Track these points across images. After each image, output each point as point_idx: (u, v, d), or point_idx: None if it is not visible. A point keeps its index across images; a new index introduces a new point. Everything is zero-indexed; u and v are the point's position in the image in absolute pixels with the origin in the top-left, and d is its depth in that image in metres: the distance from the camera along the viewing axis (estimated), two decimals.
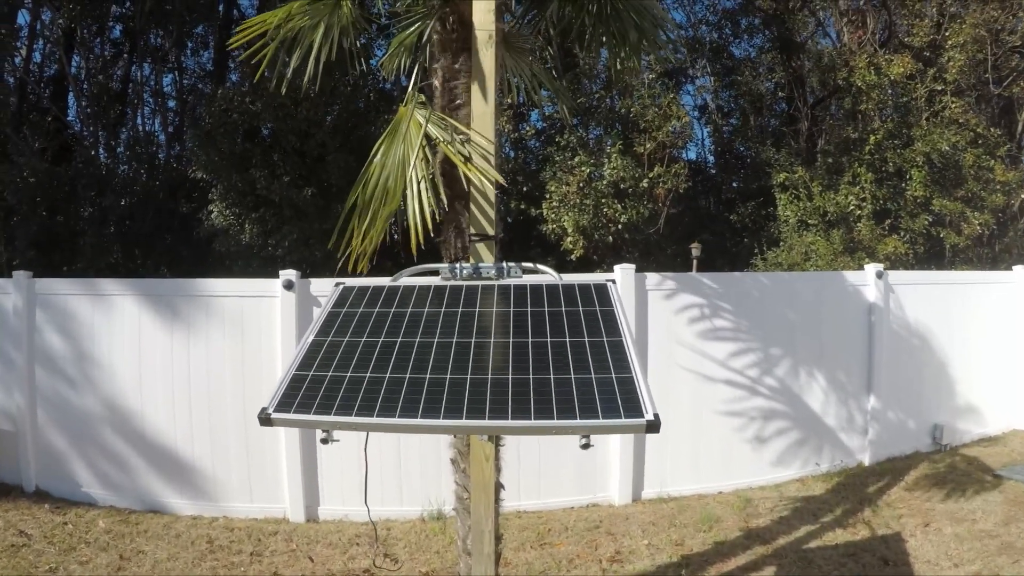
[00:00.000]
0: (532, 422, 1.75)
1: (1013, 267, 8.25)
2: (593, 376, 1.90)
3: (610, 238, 12.09)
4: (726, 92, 17.02)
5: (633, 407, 1.77)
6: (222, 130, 11.21)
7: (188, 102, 18.03)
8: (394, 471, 5.46)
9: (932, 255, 12.81)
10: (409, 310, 2.35)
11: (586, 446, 1.73)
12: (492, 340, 2.13)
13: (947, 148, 11.84)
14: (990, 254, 13.25)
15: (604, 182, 12.14)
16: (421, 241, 2.92)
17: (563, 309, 2.30)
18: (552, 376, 1.91)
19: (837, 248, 11.44)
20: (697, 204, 15.83)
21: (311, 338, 2.21)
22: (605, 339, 2.09)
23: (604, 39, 4.14)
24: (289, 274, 5.53)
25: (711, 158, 18.63)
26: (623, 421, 1.73)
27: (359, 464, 5.69)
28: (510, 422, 1.75)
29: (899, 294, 7.24)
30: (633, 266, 6.07)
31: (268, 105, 11.12)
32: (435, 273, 2.78)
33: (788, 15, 16.09)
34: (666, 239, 13.50)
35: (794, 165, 13.48)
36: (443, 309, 2.34)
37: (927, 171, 12.01)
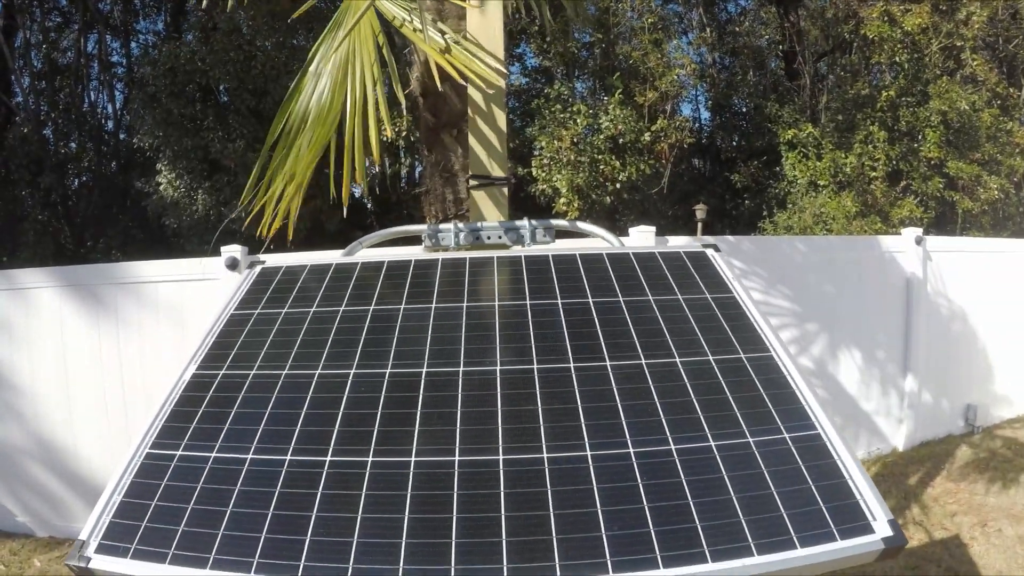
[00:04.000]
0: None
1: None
2: (751, 440, 1.01)
3: (608, 198, 11.06)
4: (722, 45, 15.99)
5: (846, 510, 0.89)
6: (168, 91, 9.96)
7: (137, 72, 16.54)
8: None
9: (943, 220, 12.16)
10: (371, 309, 1.40)
11: None
12: (534, 367, 1.21)
13: (966, 107, 11.05)
14: (991, 221, 12.63)
15: (602, 136, 11.03)
16: (359, 180, 1.91)
17: (650, 298, 1.36)
18: (674, 446, 1.01)
19: (850, 211, 10.68)
20: (692, 164, 14.93)
21: (189, 374, 1.26)
22: (743, 356, 1.19)
23: None
24: (233, 250, 4.41)
25: (706, 114, 17.69)
26: (838, 547, 0.86)
27: None
28: None
29: (937, 262, 6.56)
30: (653, 228, 5.16)
31: (219, 61, 9.88)
32: (414, 240, 1.86)
33: None
34: (664, 201, 12.58)
35: (800, 122, 12.62)
36: (432, 306, 1.40)
37: (942, 131, 11.25)
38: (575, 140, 10.82)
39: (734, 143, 15.97)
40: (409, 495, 0.97)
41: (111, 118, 15.50)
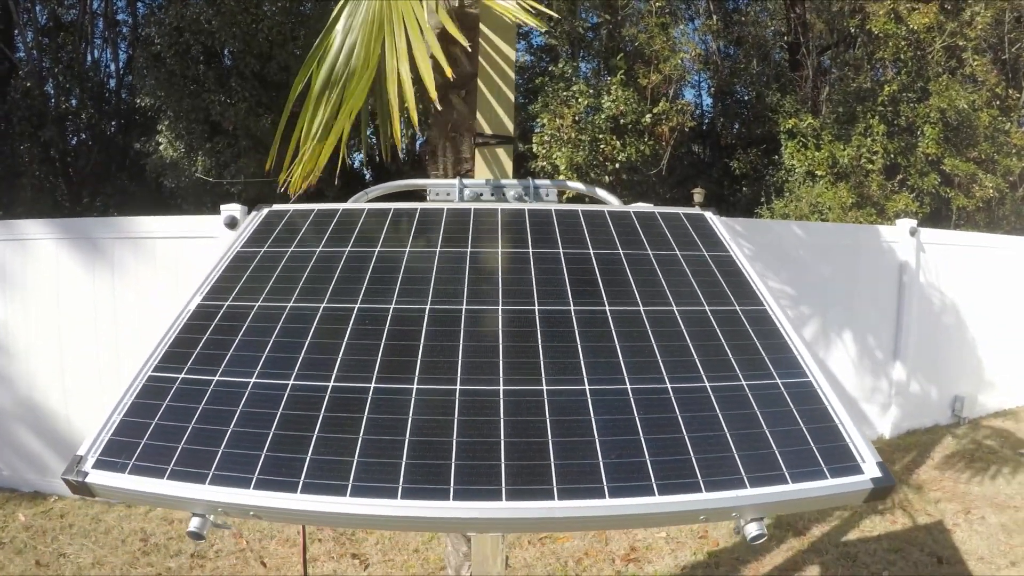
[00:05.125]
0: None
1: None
2: (744, 384, 1.04)
3: (607, 178, 11.08)
4: (728, 33, 15.90)
5: (836, 451, 0.92)
6: (173, 51, 9.86)
7: (142, 32, 16.30)
8: None
9: (937, 217, 12.22)
10: (377, 250, 1.43)
11: (757, 539, 0.88)
12: (535, 308, 1.23)
13: (964, 106, 11.09)
14: (987, 219, 12.69)
15: (603, 116, 11.00)
16: (399, 148, 1.93)
17: (650, 253, 1.40)
18: (670, 385, 1.04)
19: (846, 202, 10.73)
20: (691, 149, 14.89)
21: (194, 305, 1.28)
22: (738, 308, 1.22)
23: None
24: (232, 209, 4.44)
25: (708, 100, 17.63)
26: (828, 484, 0.89)
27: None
28: (578, 504, 0.90)
29: (930, 254, 6.62)
30: (651, 205, 5.19)
31: (226, 23, 9.77)
32: (419, 196, 1.87)
33: None
34: (662, 183, 12.57)
35: (801, 112, 12.61)
36: (438, 249, 1.43)
37: (941, 128, 11.30)
38: (576, 118, 10.79)
39: (734, 130, 15.95)
40: (410, 419, 0.99)
41: (113, 77, 15.33)
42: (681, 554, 4.10)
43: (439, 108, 2.43)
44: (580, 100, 11.00)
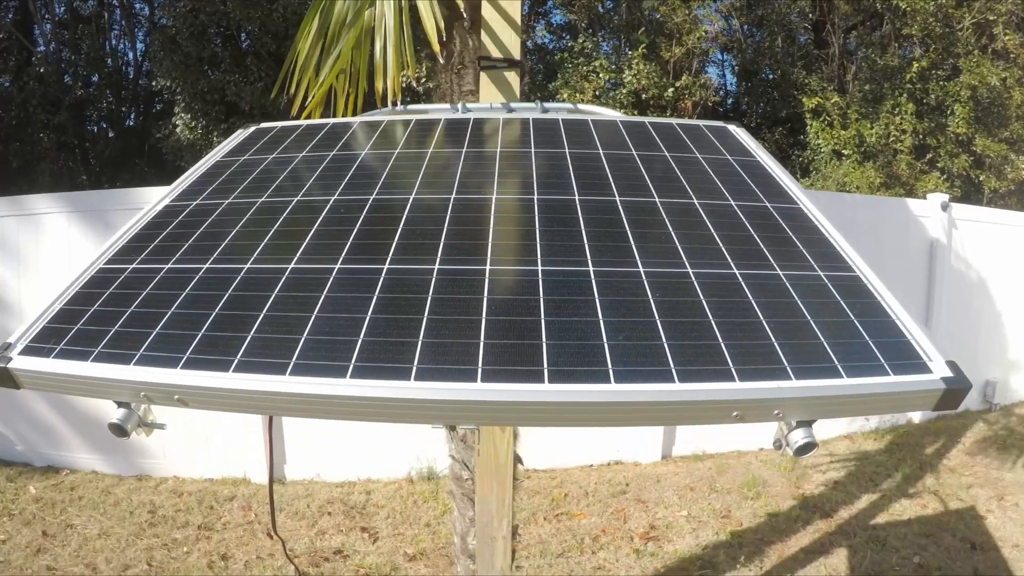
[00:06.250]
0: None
1: None
2: (781, 273, 0.88)
3: None
4: (751, 12, 15.53)
5: (896, 347, 0.77)
6: (189, 32, 9.82)
7: (158, 19, 16.35)
8: (374, 424, 4.49)
9: (967, 200, 11.86)
10: (364, 152, 1.29)
11: (805, 449, 0.73)
12: (534, 198, 1.09)
13: (996, 83, 10.72)
14: (1020, 203, 12.26)
15: (624, 91, 10.72)
16: (412, 74, 1.83)
17: (667, 153, 1.24)
18: (691, 270, 0.88)
19: (874, 182, 10.41)
20: None
21: (161, 206, 1.15)
22: (769, 204, 1.06)
23: None
24: None
25: (732, 80, 17.27)
26: (891, 381, 0.73)
27: None
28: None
29: (962, 231, 6.34)
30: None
31: (240, 3, 9.70)
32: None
33: None
34: None
35: (827, 91, 12.27)
36: (430, 150, 1.29)
37: (971, 107, 10.92)
38: (597, 93, 10.55)
39: (759, 109, 15.58)
40: (376, 296, 0.86)
41: (131, 65, 15.42)
42: (703, 533, 3.93)
43: (436, 49, 2.29)
44: (601, 75, 10.76)
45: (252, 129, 1.51)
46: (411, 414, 0.73)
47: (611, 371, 0.73)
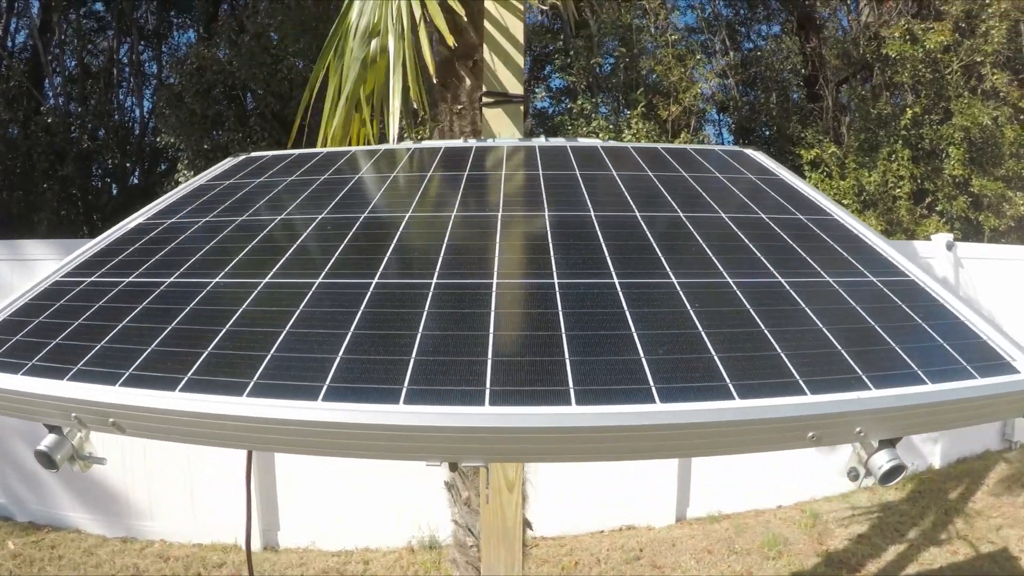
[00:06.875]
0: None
1: None
2: (830, 280, 0.77)
3: None
4: (744, 70, 15.93)
5: (973, 348, 0.65)
6: (194, 90, 10.00)
7: (165, 77, 16.76)
8: (374, 484, 4.28)
9: (968, 239, 11.85)
10: (358, 175, 1.21)
11: (892, 475, 0.61)
12: (544, 213, 0.98)
13: (988, 122, 10.88)
14: (1020, 239, 12.25)
15: None
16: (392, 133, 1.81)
17: (685, 174, 1.15)
18: (731, 279, 0.77)
19: (875, 229, 10.41)
20: None
21: (132, 224, 1.05)
22: (802, 216, 0.96)
23: None
24: None
25: (730, 138, 17.57)
26: (979, 384, 0.62)
27: (327, 478, 4.62)
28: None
29: (968, 269, 6.28)
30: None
31: (247, 64, 9.92)
32: None
33: None
34: None
35: (823, 142, 12.45)
36: (430, 172, 1.20)
37: (965, 148, 11.05)
38: None
39: None
40: (360, 311, 0.75)
41: (137, 122, 15.72)
42: None
43: (436, 81, 2.28)
44: (601, 135, 10.94)
45: (242, 157, 1.43)
46: (399, 446, 0.61)
47: (654, 389, 0.61)
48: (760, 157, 1.32)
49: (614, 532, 4.60)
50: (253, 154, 1.45)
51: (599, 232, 0.90)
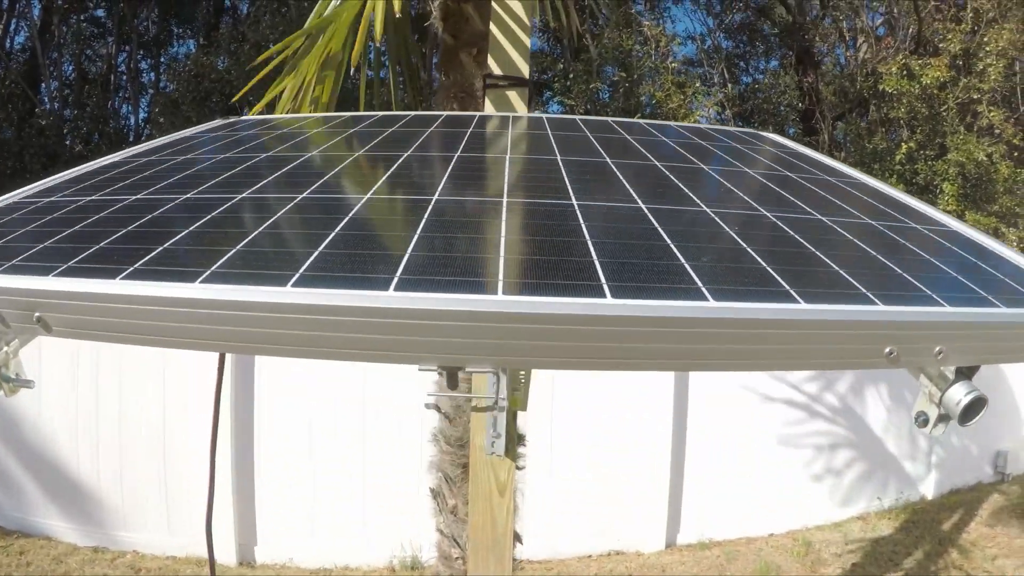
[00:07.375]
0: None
1: None
2: (871, 222, 0.71)
3: None
4: (743, 102, 16.15)
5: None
6: (191, 97, 9.98)
7: (162, 86, 16.77)
8: (355, 501, 4.14)
9: None
10: (358, 128, 1.13)
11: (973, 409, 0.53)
12: (557, 158, 0.91)
13: (983, 157, 11.01)
14: None
15: None
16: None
17: (703, 143, 1.08)
18: (770, 214, 0.70)
19: None
20: None
21: (113, 159, 0.98)
22: (831, 179, 0.90)
23: None
24: None
25: None
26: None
27: (307, 490, 4.46)
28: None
29: None
30: None
31: (244, 73, 9.92)
32: None
33: (807, 27, 15.25)
34: None
35: None
36: (431, 128, 1.12)
37: (959, 184, 11.16)
38: None
39: None
40: (348, 218, 0.66)
41: (132, 130, 15.68)
42: None
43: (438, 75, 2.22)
44: None
45: (233, 119, 1.36)
46: (388, 340, 0.50)
47: (704, 289, 0.52)
48: (778, 139, 1.27)
49: (602, 557, 4.46)
50: (246, 117, 1.38)
51: (619, 174, 0.82)
